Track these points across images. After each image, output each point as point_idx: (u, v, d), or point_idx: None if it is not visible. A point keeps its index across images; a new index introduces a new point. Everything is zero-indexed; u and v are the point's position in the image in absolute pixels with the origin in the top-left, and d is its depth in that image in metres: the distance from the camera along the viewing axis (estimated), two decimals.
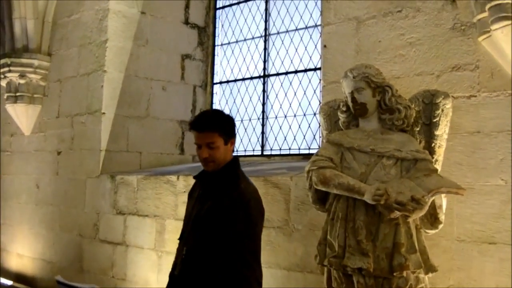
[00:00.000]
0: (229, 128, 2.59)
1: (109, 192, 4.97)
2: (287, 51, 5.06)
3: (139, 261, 4.64)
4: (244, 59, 5.49)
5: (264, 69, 5.24)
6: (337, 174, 2.78)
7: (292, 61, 5.01)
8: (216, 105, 5.76)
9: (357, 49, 3.53)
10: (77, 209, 5.29)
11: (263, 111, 5.18)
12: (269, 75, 5.20)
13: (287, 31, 5.10)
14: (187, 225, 2.64)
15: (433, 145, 2.88)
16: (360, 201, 2.68)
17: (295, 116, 4.92)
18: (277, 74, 5.12)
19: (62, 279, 3.15)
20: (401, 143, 2.78)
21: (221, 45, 5.80)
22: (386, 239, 2.65)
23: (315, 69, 4.78)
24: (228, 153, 2.59)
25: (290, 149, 4.90)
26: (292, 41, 5.04)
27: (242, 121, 5.36)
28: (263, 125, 5.17)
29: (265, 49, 5.25)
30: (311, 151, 4.60)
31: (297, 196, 3.61)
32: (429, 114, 2.90)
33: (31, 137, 6.03)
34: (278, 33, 5.19)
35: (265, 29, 5.29)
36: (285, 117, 4.99)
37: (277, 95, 5.10)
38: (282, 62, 5.09)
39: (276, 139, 5.04)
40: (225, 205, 2.44)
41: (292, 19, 5.07)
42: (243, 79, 5.46)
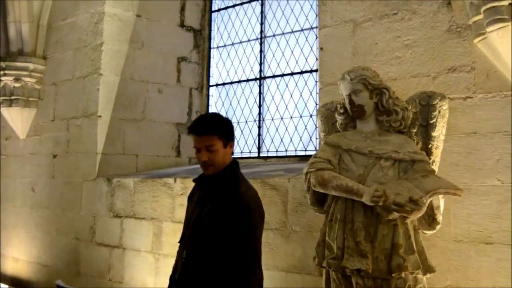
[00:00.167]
0: (227, 131, 2.59)
1: (105, 195, 4.96)
2: (283, 53, 5.07)
3: (136, 264, 4.62)
4: (240, 61, 5.50)
5: (260, 71, 5.25)
6: (335, 176, 2.79)
7: (288, 63, 5.02)
8: (212, 107, 5.76)
9: (354, 51, 3.55)
10: (73, 212, 5.27)
11: (260, 113, 5.19)
12: (265, 77, 5.21)
13: (283, 33, 5.11)
14: (187, 228, 2.64)
15: (430, 146, 2.90)
16: (358, 203, 2.69)
17: (291, 118, 4.93)
18: (273, 76, 5.13)
19: (62, 283, 3.13)
20: (398, 145, 2.80)
21: (217, 47, 5.81)
22: (384, 240, 2.67)
23: (311, 71, 4.80)
24: (227, 156, 2.59)
25: (286, 151, 4.91)
26: (288, 43, 5.05)
27: (238, 123, 5.36)
28: (259, 127, 5.18)
29: (261, 51, 5.26)
30: (307, 153, 4.61)
31: (294, 197, 3.62)
32: (426, 115, 2.92)
33: (27, 140, 6.00)
34: (274, 36, 5.20)
35: (261, 31, 5.30)
36: (282, 119, 5.00)
37: (273, 97, 5.11)
38: (278, 64, 5.10)
39: (272, 141, 5.05)
40: (225, 208, 2.44)
41: (287, 21, 5.08)
42: (239, 81, 5.47)
